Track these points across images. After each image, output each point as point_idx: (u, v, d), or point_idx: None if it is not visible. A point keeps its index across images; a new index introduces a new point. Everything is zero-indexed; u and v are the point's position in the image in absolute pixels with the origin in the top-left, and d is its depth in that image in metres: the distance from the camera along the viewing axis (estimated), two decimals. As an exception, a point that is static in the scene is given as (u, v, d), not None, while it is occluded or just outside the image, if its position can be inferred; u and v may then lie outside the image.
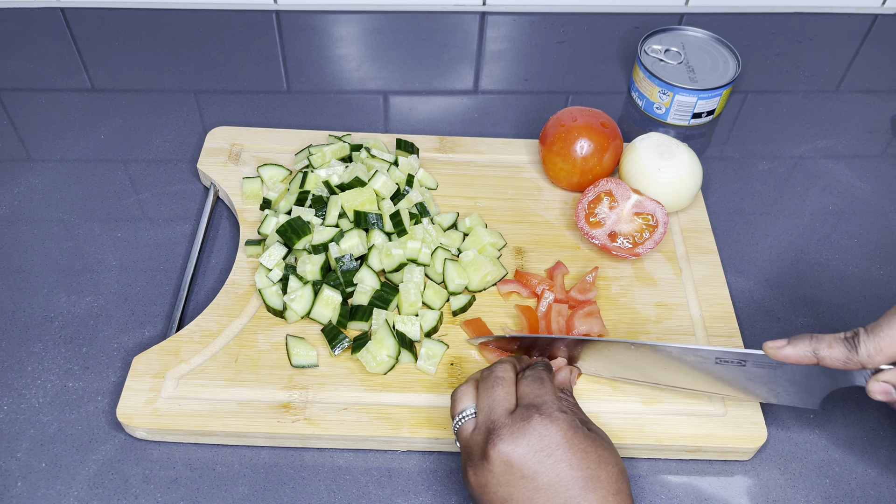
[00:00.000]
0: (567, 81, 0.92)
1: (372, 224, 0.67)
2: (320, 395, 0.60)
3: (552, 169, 0.75)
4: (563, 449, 0.47)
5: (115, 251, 0.71)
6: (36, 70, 0.89)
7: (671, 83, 0.83)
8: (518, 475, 0.47)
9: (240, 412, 0.58)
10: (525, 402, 0.50)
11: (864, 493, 0.59)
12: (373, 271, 0.65)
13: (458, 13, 0.99)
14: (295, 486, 0.57)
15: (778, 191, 0.80)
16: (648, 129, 0.85)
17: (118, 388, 0.62)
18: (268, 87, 0.89)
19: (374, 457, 0.59)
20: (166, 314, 0.67)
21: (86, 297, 0.68)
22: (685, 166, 0.71)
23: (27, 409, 0.61)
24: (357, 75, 0.91)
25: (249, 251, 0.68)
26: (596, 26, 0.99)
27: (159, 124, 0.83)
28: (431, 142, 0.80)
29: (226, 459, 0.59)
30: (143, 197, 0.76)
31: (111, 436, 0.59)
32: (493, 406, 0.50)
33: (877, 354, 0.49)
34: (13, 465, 0.57)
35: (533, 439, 0.47)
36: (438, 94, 0.89)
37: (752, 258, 0.74)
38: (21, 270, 0.69)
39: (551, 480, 0.46)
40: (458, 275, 0.66)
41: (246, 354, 0.62)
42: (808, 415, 0.63)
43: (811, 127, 0.87)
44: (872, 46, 0.98)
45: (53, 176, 0.78)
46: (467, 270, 0.66)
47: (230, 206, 0.74)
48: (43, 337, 0.65)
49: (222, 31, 0.95)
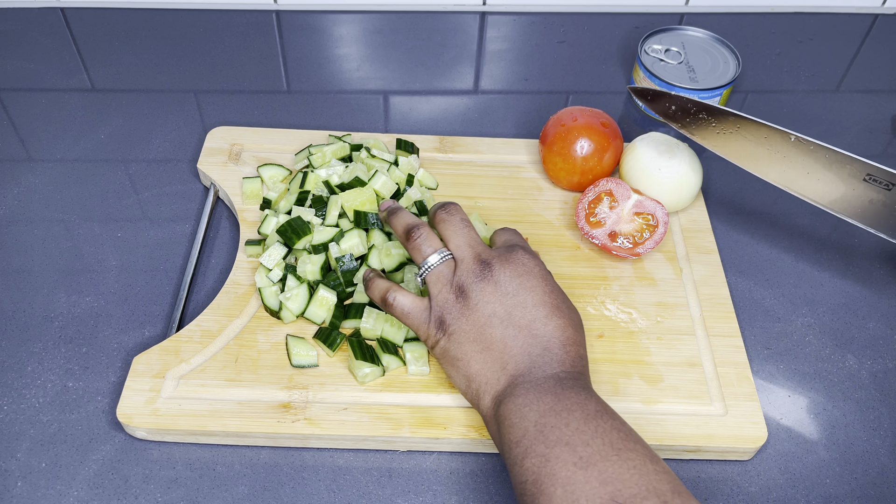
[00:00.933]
0: (567, 81, 0.92)
1: (372, 224, 0.67)
2: (320, 395, 0.60)
3: (552, 169, 0.75)
4: (539, 279, 0.56)
5: (115, 251, 0.71)
6: (36, 70, 0.89)
7: (671, 83, 0.83)
8: (502, 293, 0.55)
9: (240, 412, 0.58)
10: (506, 243, 0.60)
11: (864, 493, 0.59)
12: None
13: (458, 13, 0.99)
14: (295, 486, 0.57)
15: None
16: (649, 128, 0.85)
17: (118, 388, 0.62)
18: (268, 86, 0.89)
19: (375, 457, 0.59)
20: (166, 314, 0.67)
21: (86, 297, 0.68)
22: (685, 166, 0.71)
23: (27, 409, 0.61)
24: (357, 75, 0.91)
25: (249, 251, 0.68)
26: (596, 26, 0.99)
27: (159, 124, 0.83)
28: (431, 142, 0.80)
29: (226, 459, 0.59)
30: (143, 197, 0.76)
31: (111, 436, 0.59)
32: (473, 242, 0.58)
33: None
34: (13, 465, 0.57)
35: (518, 266, 0.56)
36: (438, 94, 0.89)
37: (753, 258, 0.74)
38: (21, 270, 0.69)
39: (527, 300, 0.55)
40: None
41: (246, 354, 0.62)
42: (809, 415, 0.63)
43: (811, 126, 0.87)
44: (873, 46, 0.98)
45: (53, 176, 0.78)
46: None
47: (230, 206, 0.74)
48: (43, 337, 0.65)
49: (222, 31, 0.95)
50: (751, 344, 0.67)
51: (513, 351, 0.54)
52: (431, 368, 0.62)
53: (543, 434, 0.47)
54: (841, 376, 0.65)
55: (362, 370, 0.60)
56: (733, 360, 0.63)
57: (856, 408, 0.64)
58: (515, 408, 0.50)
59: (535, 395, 0.50)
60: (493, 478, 0.58)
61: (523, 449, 0.48)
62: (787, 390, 0.64)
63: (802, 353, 0.67)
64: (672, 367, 0.63)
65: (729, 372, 0.63)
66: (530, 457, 0.47)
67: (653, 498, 0.43)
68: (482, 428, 0.58)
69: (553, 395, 0.50)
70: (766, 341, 0.68)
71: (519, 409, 0.50)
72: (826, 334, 0.68)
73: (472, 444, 0.59)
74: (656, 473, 0.45)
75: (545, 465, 0.46)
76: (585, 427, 0.47)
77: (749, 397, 0.61)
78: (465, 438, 0.58)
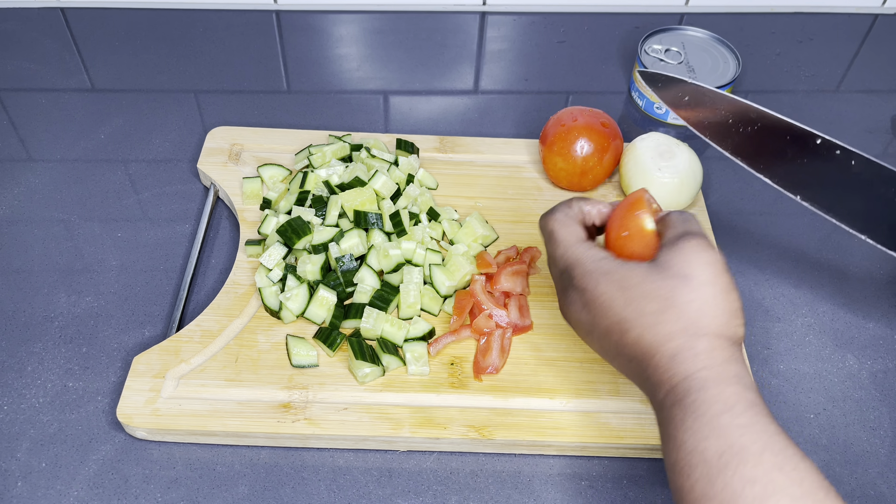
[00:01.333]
0: (567, 81, 0.92)
1: (372, 224, 0.67)
2: (320, 395, 0.60)
3: (552, 169, 0.75)
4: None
5: (116, 251, 0.71)
6: (36, 70, 0.89)
7: (671, 83, 0.83)
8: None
9: (240, 412, 0.58)
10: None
11: (864, 493, 0.59)
12: (373, 271, 0.65)
13: (458, 13, 0.99)
14: (295, 485, 0.57)
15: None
16: (649, 128, 0.85)
17: (118, 388, 0.62)
18: (268, 86, 0.89)
19: (375, 457, 0.59)
20: (166, 314, 0.67)
21: (86, 297, 0.68)
22: (685, 166, 0.71)
23: (27, 409, 0.61)
24: (357, 75, 0.91)
25: (249, 251, 0.68)
26: (596, 26, 0.99)
27: (159, 124, 0.83)
28: (431, 142, 0.80)
29: (226, 459, 0.59)
30: (144, 197, 0.76)
31: (111, 436, 0.59)
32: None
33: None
34: (13, 465, 0.57)
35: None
36: (438, 94, 0.89)
37: (753, 258, 0.74)
38: (21, 270, 0.69)
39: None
40: (448, 277, 0.66)
41: (246, 354, 0.62)
42: (809, 415, 0.63)
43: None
44: (873, 46, 0.98)
45: (53, 176, 0.78)
46: (450, 271, 0.66)
47: (230, 206, 0.74)
48: (43, 337, 0.65)
49: (222, 31, 0.95)
50: (751, 344, 0.67)
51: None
52: (431, 368, 0.62)
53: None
54: (841, 376, 0.65)
55: (362, 370, 0.60)
56: (733, 360, 0.63)
57: (856, 408, 0.63)
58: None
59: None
60: (492, 478, 0.58)
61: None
62: (787, 390, 0.64)
63: (802, 352, 0.67)
64: (672, 367, 0.63)
65: (729, 372, 0.62)
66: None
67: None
68: (482, 428, 0.59)
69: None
70: (766, 341, 0.68)
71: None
72: (826, 334, 0.68)
73: (472, 443, 0.59)
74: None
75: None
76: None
77: (749, 397, 0.61)
78: (465, 438, 0.58)
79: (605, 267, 0.49)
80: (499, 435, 0.58)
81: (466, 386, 0.61)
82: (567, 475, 0.59)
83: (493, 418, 0.59)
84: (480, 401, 0.60)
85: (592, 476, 0.59)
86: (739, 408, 0.42)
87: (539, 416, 0.59)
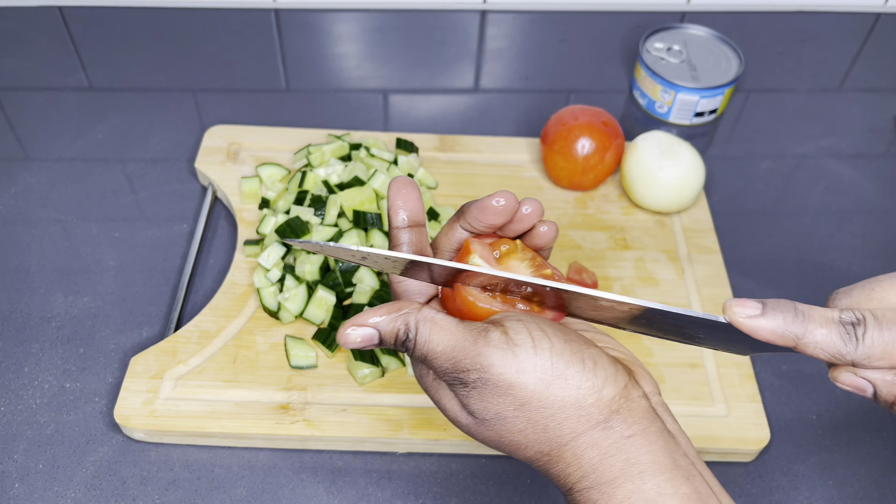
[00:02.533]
0: (568, 80, 0.91)
1: (371, 224, 0.67)
2: (319, 397, 0.60)
3: (553, 168, 0.74)
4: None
5: (113, 251, 0.71)
6: (33, 69, 0.88)
7: (673, 82, 0.82)
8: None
9: (238, 413, 0.58)
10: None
11: (866, 494, 0.58)
12: (372, 271, 0.65)
13: (459, 11, 0.99)
14: (294, 487, 0.57)
15: (781, 190, 0.80)
16: (650, 127, 0.85)
17: (116, 389, 0.61)
18: (266, 85, 0.88)
19: (374, 458, 0.59)
20: (164, 314, 0.66)
21: (83, 297, 0.67)
22: (687, 165, 0.71)
23: (24, 410, 0.60)
24: (356, 74, 0.90)
25: (248, 251, 0.68)
26: (597, 24, 0.98)
27: (157, 123, 0.83)
28: (431, 140, 0.79)
29: (224, 461, 0.58)
30: (141, 196, 0.76)
31: (108, 437, 0.59)
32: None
33: (881, 357, 0.35)
34: (10, 466, 0.57)
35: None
36: (438, 93, 0.89)
37: (755, 258, 0.73)
38: (18, 270, 0.69)
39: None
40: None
41: (244, 355, 0.62)
42: (811, 416, 0.62)
43: (814, 126, 0.87)
44: (875, 45, 0.98)
45: (50, 175, 0.77)
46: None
47: (228, 205, 0.74)
48: (40, 337, 0.64)
49: (220, 30, 0.94)
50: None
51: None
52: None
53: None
54: (844, 377, 0.65)
55: (362, 371, 0.60)
56: (735, 361, 0.63)
57: (859, 409, 0.63)
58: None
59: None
60: (492, 480, 0.58)
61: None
62: (789, 391, 0.64)
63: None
64: (674, 368, 0.62)
65: (731, 373, 0.62)
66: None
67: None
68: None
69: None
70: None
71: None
72: (829, 335, 0.68)
73: (471, 446, 0.58)
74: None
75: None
76: None
77: (751, 398, 0.61)
78: (464, 440, 0.58)
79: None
80: (499, 436, 0.58)
81: (466, 387, 0.61)
82: (568, 477, 0.58)
83: (494, 420, 0.59)
84: (481, 402, 0.60)
85: (593, 478, 0.58)
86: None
87: (540, 418, 0.59)
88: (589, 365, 0.36)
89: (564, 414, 0.36)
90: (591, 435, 0.36)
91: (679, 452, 0.36)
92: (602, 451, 0.36)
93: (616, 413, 0.36)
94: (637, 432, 0.36)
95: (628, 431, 0.36)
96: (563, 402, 0.36)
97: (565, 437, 0.37)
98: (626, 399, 0.37)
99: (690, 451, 0.37)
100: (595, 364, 0.37)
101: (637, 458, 0.36)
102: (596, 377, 0.36)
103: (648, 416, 0.37)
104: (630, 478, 0.35)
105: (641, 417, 0.37)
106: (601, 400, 0.36)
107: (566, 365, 0.36)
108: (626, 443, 0.36)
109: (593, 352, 0.37)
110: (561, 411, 0.36)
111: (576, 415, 0.36)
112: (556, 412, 0.36)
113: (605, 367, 0.37)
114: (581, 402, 0.36)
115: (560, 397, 0.36)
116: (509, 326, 0.37)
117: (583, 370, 0.36)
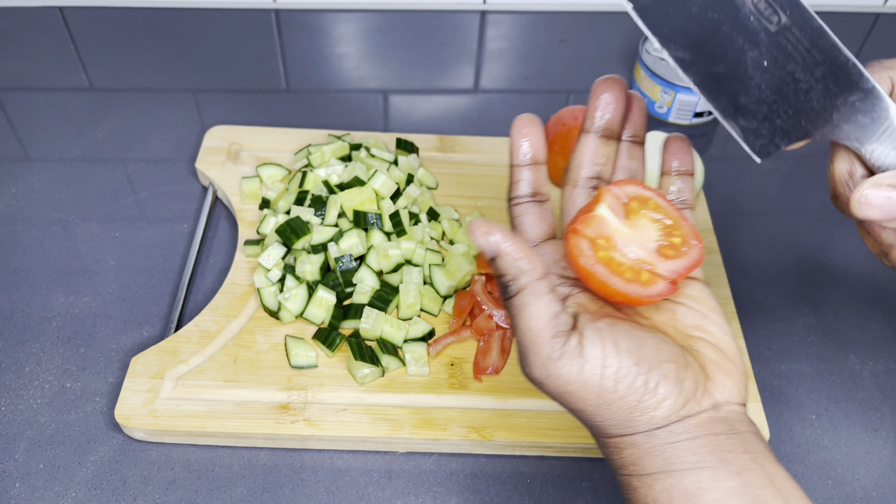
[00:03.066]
0: (568, 80, 0.92)
1: (371, 224, 0.67)
2: (319, 396, 0.60)
3: (553, 168, 0.74)
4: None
5: (114, 251, 0.71)
6: (34, 69, 0.88)
7: (673, 82, 0.82)
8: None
9: (238, 413, 0.58)
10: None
11: (866, 494, 0.58)
12: (372, 271, 0.65)
13: (459, 12, 0.99)
14: (294, 487, 0.57)
15: (780, 190, 0.80)
16: (650, 128, 0.85)
17: (116, 388, 0.61)
18: (267, 85, 0.88)
19: (374, 458, 0.59)
20: (164, 314, 0.67)
21: (84, 297, 0.67)
22: (687, 166, 0.71)
23: (25, 409, 0.60)
24: (357, 74, 0.90)
25: (248, 251, 0.68)
26: (597, 25, 0.99)
27: (157, 123, 0.83)
28: (431, 141, 0.79)
29: (224, 461, 0.58)
30: (142, 196, 0.76)
31: (109, 437, 0.59)
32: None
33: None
34: (11, 466, 0.57)
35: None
36: (438, 93, 0.89)
37: (755, 258, 0.73)
38: (19, 270, 0.69)
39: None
40: (448, 277, 0.65)
41: (244, 355, 0.62)
42: (811, 415, 0.63)
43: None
44: (874, 45, 0.98)
45: (51, 175, 0.77)
46: (450, 271, 0.66)
47: (229, 205, 0.74)
48: (41, 337, 0.65)
49: (221, 30, 0.94)
50: (753, 344, 0.67)
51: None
52: (431, 369, 0.62)
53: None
54: (843, 377, 0.65)
55: (362, 371, 0.60)
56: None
57: (858, 408, 0.63)
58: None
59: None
60: (492, 479, 0.58)
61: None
62: (788, 391, 0.64)
63: (804, 353, 0.67)
64: (673, 368, 0.62)
65: (730, 373, 0.62)
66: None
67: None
68: (482, 429, 0.58)
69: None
70: (767, 342, 0.67)
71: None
72: (828, 335, 0.68)
73: (471, 445, 0.58)
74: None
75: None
76: None
77: (751, 398, 0.61)
78: (464, 440, 0.58)
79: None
80: (499, 436, 0.58)
81: (466, 387, 0.61)
82: (568, 477, 0.59)
83: (494, 419, 0.59)
84: (480, 402, 0.60)
85: (594, 478, 0.59)
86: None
87: (539, 418, 0.59)
88: (651, 386, 0.37)
89: (613, 421, 0.38)
90: (634, 438, 0.38)
91: (735, 450, 0.37)
92: (642, 451, 0.38)
93: (665, 426, 0.37)
94: (684, 439, 0.37)
95: (674, 438, 0.37)
96: (616, 414, 0.37)
97: (610, 433, 0.38)
98: (685, 413, 0.38)
99: (755, 446, 0.38)
100: (657, 385, 0.37)
101: (679, 459, 0.37)
102: (655, 396, 0.37)
103: (704, 425, 0.37)
104: (669, 474, 0.37)
105: (695, 427, 0.37)
106: (652, 419, 0.37)
107: (627, 390, 0.37)
108: (668, 447, 0.37)
109: (664, 371, 0.37)
110: (610, 419, 0.38)
111: (623, 424, 0.38)
112: (607, 419, 0.38)
113: (668, 388, 0.37)
114: (630, 419, 0.37)
115: (613, 411, 0.37)
116: (587, 336, 0.37)
117: (644, 392, 0.37)
